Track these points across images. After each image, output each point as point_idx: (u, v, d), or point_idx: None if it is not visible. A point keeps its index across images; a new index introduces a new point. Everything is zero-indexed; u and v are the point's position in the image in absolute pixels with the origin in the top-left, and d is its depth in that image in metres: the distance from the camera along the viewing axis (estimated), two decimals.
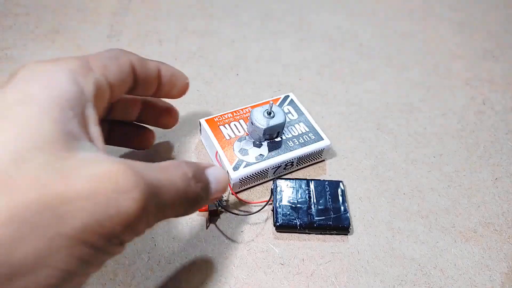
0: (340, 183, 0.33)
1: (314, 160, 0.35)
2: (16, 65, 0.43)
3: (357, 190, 0.35)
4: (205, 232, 0.31)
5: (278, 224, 0.30)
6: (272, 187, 0.32)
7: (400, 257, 0.30)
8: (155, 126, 0.33)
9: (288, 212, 0.31)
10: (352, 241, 0.31)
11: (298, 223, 0.30)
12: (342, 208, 0.32)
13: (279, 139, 0.34)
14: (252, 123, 0.32)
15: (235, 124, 0.34)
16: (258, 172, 0.32)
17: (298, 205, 0.31)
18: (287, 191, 0.32)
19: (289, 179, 0.33)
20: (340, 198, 0.32)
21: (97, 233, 0.17)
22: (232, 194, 0.32)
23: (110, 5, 0.52)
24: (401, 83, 0.45)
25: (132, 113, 0.31)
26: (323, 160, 0.36)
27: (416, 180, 0.36)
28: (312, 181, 0.33)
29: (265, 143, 0.33)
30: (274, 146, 0.33)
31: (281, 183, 0.32)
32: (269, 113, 0.32)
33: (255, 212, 0.32)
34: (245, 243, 0.30)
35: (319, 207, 0.31)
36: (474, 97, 0.45)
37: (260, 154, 0.32)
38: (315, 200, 0.32)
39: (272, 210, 0.32)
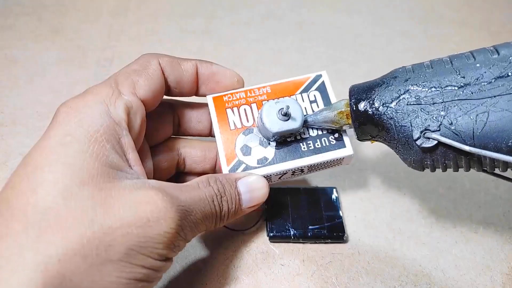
0: (334, 190, 0.33)
1: (330, 166, 0.29)
2: (16, 65, 0.43)
3: (358, 191, 0.34)
4: (205, 233, 0.31)
5: (271, 235, 0.30)
6: None
7: (401, 257, 0.30)
8: None
9: (281, 222, 0.30)
10: (353, 241, 0.31)
11: (291, 234, 0.30)
12: (336, 216, 0.31)
13: (292, 138, 0.28)
14: (261, 119, 0.27)
15: (245, 109, 0.28)
16: None
17: (291, 214, 0.31)
18: (279, 200, 0.31)
19: (281, 187, 0.32)
20: (334, 206, 0.32)
21: (141, 254, 0.19)
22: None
23: (110, 5, 0.52)
24: None
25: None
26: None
27: (417, 180, 0.36)
28: (305, 189, 0.32)
29: (273, 143, 0.28)
30: (283, 148, 0.28)
31: (272, 191, 0.29)
32: (285, 114, 0.26)
33: (250, 228, 0.31)
34: (245, 244, 0.30)
35: (313, 216, 0.31)
36: None
37: (264, 157, 0.27)
38: (308, 209, 0.31)
39: (265, 220, 0.31)
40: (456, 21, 0.55)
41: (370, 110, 0.25)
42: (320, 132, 0.28)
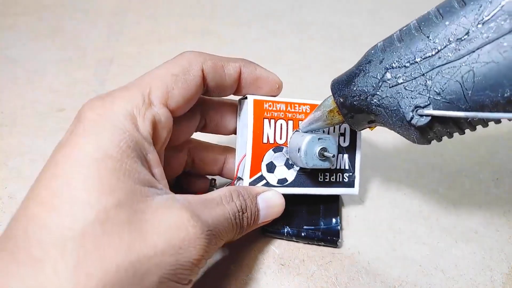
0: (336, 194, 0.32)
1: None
2: (16, 65, 0.43)
3: (359, 191, 0.34)
4: None
5: (266, 228, 0.29)
6: None
7: (401, 257, 0.30)
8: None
9: (277, 218, 0.29)
10: (353, 241, 0.31)
11: (285, 231, 0.29)
12: (334, 220, 0.31)
13: None
14: (299, 150, 0.26)
15: (281, 125, 0.28)
16: None
17: (288, 212, 0.29)
18: None
19: None
20: (334, 210, 0.31)
21: (171, 281, 0.19)
22: None
23: (110, 5, 0.52)
24: None
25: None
26: None
27: (417, 180, 0.36)
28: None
29: (297, 167, 0.28)
30: (303, 173, 0.28)
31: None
32: (323, 156, 0.27)
33: None
34: (245, 244, 0.30)
35: (310, 217, 0.30)
36: None
37: (285, 178, 0.28)
38: (307, 209, 0.31)
39: None
40: None
41: (356, 102, 0.24)
42: (339, 167, 0.30)
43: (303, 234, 0.29)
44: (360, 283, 0.28)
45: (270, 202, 0.26)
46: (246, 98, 0.27)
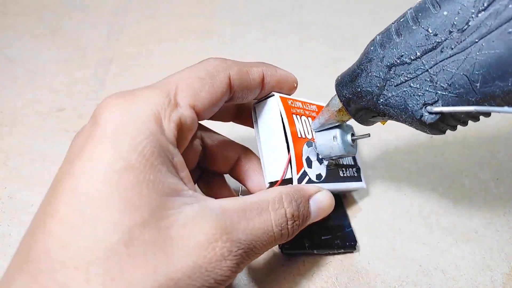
0: (339, 197, 0.32)
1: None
2: (16, 65, 0.43)
3: (359, 191, 0.34)
4: None
5: (286, 246, 0.28)
6: None
7: (401, 257, 0.30)
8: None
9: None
10: None
11: (306, 244, 0.28)
12: (345, 224, 0.30)
13: (336, 162, 0.29)
14: (335, 138, 0.27)
15: (305, 120, 0.28)
16: None
17: None
18: None
19: None
20: (340, 213, 0.31)
21: None
22: None
23: (110, 5, 0.52)
24: None
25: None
26: None
27: (417, 180, 0.36)
28: None
29: (326, 161, 0.28)
30: (330, 169, 0.28)
31: None
32: (353, 141, 0.28)
33: None
34: None
35: (322, 224, 0.29)
36: None
37: (320, 174, 0.27)
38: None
39: None
40: None
41: (363, 103, 0.23)
42: (348, 162, 0.30)
43: (322, 245, 0.29)
44: (360, 283, 0.28)
45: (321, 204, 0.25)
46: (267, 98, 0.27)
